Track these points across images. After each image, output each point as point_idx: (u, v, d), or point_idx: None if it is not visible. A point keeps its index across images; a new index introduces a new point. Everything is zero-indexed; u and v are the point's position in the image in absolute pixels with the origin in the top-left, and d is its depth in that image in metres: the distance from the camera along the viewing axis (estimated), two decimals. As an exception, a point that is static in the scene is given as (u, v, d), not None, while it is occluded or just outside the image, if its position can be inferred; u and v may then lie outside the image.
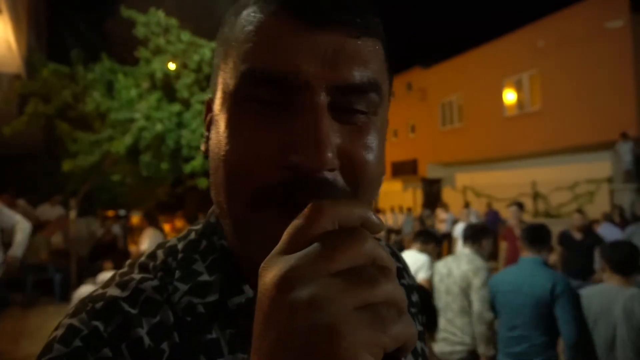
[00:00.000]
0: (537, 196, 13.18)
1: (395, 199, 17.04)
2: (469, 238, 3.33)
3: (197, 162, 7.77)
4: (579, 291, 2.69)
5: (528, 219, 9.61)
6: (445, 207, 11.11)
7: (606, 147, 10.89)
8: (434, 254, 4.01)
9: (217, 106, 0.45)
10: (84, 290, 4.20)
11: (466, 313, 3.07)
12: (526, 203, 10.28)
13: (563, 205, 12.20)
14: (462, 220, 8.32)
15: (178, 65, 8.41)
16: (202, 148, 0.50)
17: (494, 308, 2.93)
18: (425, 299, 2.37)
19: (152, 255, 0.51)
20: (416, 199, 17.27)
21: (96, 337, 0.41)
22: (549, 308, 2.56)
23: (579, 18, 11.90)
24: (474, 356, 3.03)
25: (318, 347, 0.25)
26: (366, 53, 0.42)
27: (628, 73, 10.95)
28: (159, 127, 7.60)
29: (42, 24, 8.92)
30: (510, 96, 14.23)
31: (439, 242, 4.50)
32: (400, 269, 0.63)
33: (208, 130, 0.49)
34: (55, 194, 8.94)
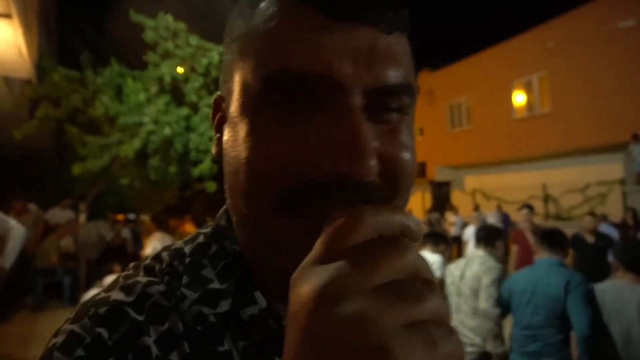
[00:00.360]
0: (548, 199, 13.03)
1: (403, 202, 16.92)
2: (483, 239, 3.29)
3: (205, 166, 7.79)
4: (593, 285, 2.73)
5: (539, 222, 9.50)
6: (454, 210, 11.02)
7: (618, 149, 10.74)
8: (446, 255, 4.01)
9: (235, 106, 0.41)
10: (92, 293, 4.19)
11: (477, 314, 3.02)
12: (537, 206, 10.17)
13: (574, 207, 12.05)
14: (472, 223, 8.23)
15: (186, 69, 8.46)
16: (214, 151, 0.47)
17: (510, 308, 2.93)
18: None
19: (158, 257, 0.48)
20: (425, 202, 17.17)
21: (100, 346, 0.38)
22: (564, 306, 2.57)
23: (589, 18, 11.78)
24: (486, 357, 2.98)
25: None
26: (398, 50, 0.39)
27: (639, 73, 10.81)
28: (167, 131, 7.63)
29: (53, 29, 9.04)
30: (519, 98, 14.12)
31: (449, 243, 4.47)
32: None
33: (219, 131, 0.46)
34: (64, 198, 9.01)
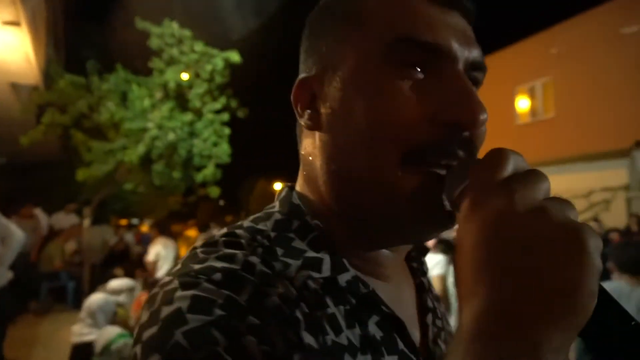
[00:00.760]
0: (552, 205, 12.95)
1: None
2: None
3: (209, 171, 7.85)
4: None
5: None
6: (457, 216, 10.97)
7: (622, 155, 10.69)
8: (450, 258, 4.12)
9: (353, 72, 0.46)
10: (95, 298, 4.20)
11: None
12: (540, 212, 10.09)
13: (578, 213, 11.97)
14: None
15: (191, 75, 8.54)
16: (305, 123, 0.51)
17: None
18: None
19: (232, 234, 0.47)
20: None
21: (235, 305, 0.38)
22: None
23: (594, 24, 11.78)
24: None
25: (572, 246, 0.30)
26: (474, 38, 0.49)
27: (644, 79, 10.79)
28: (172, 137, 7.70)
29: (60, 36, 9.13)
30: (522, 103, 14.11)
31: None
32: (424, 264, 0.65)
33: (308, 107, 0.51)
34: (69, 202, 9.07)
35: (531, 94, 13.80)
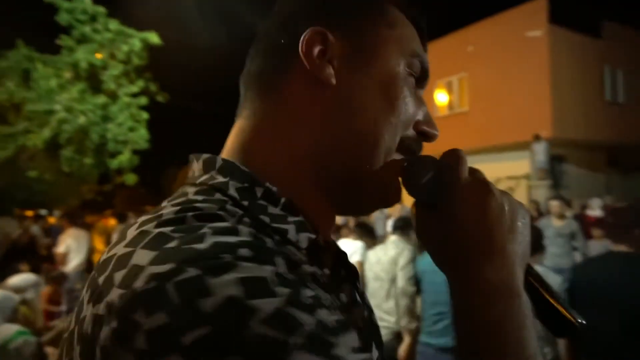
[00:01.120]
0: (465, 193, 13.92)
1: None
2: (399, 228, 3.51)
3: (125, 157, 7.40)
4: None
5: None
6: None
7: (525, 147, 11.76)
8: (369, 245, 4.25)
9: (386, 63, 0.53)
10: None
11: (392, 297, 3.20)
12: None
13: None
14: (394, 216, 8.61)
15: (105, 55, 7.98)
16: (324, 74, 0.50)
17: (420, 288, 3.11)
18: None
19: (194, 208, 0.41)
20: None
21: (288, 280, 0.35)
22: None
23: (504, 26, 12.75)
24: (398, 337, 3.18)
25: (519, 213, 0.49)
26: None
27: (545, 79, 11.92)
28: (82, 120, 7.13)
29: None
30: (441, 97, 14.94)
31: (374, 236, 4.74)
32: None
33: (329, 63, 0.50)
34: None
35: (449, 89, 14.65)
